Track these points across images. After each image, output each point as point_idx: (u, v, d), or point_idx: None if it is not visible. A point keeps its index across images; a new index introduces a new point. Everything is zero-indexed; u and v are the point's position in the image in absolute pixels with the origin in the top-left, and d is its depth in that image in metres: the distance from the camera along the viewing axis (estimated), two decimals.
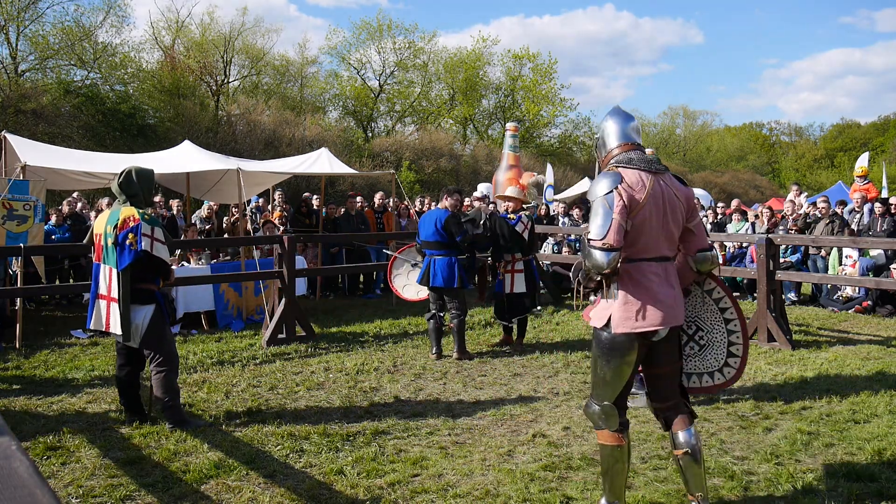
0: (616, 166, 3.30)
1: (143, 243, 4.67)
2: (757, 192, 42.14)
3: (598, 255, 3.14)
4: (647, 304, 3.19)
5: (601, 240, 3.14)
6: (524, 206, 7.73)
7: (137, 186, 4.88)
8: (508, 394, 5.77)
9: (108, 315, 4.82)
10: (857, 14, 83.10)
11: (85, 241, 5.22)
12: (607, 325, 3.25)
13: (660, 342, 3.30)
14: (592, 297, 3.50)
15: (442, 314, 7.19)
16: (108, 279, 4.81)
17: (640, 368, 3.44)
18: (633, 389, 3.69)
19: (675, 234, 3.34)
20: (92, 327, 5.00)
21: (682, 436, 3.37)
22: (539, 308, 9.11)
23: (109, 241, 4.76)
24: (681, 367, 3.51)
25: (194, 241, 9.27)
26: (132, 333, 4.76)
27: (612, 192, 3.17)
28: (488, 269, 12.04)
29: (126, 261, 4.67)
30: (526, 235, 7.46)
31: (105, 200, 11.40)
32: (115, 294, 4.75)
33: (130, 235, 4.67)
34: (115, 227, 4.73)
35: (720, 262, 3.56)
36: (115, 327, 4.78)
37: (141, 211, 4.80)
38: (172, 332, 5.38)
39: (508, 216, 7.50)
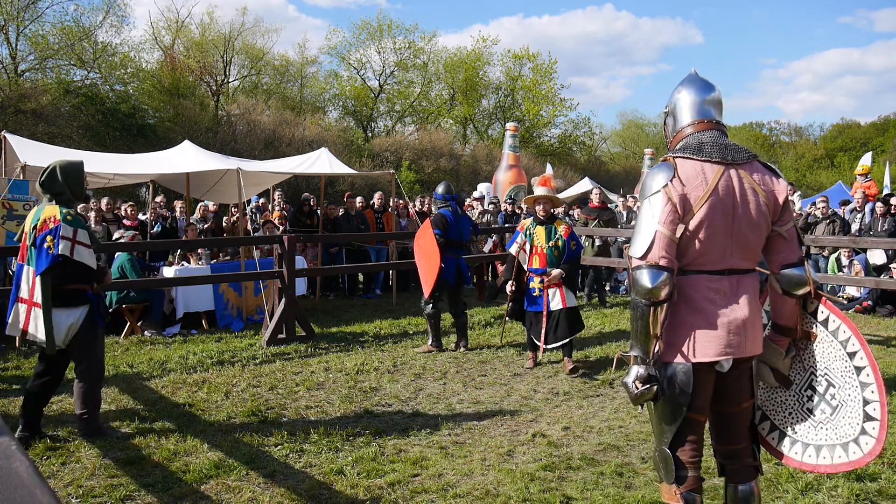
0: (674, 156, 2.70)
1: (60, 247, 4.31)
2: None
3: (643, 277, 2.55)
4: (700, 327, 2.61)
5: (643, 257, 2.58)
6: (555, 207, 6.91)
7: (62, 184, 4.48)
8: (508, 394, 5.77)
9: (28, 320, 4.45)
10: (855, 14, 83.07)
11: (16, 239, 4.90)
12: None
13: (726, 375, 2.70)
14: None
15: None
16: (30, 282, 4.45)
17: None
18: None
19: (754, 240, 2.67)
20: (8, 332, 4.61)
21: (738, 491, 2.78)
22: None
23: (29, 242, 4.44)
24: (753, 406, 2.84)
25: (194, 241, 9.27)
26: (60, 339, 4.43)
27: (658, 192, 2.60)
28: (486, 269, 12.11)
29: (43, 265, 4.33)
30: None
31: (105, 200, 11.42)
32: (38, 298, 4.39)
33: (49, 238, 4.32)
34: (35, 227, 4.40)
35: (814, 283, 2.76)
36: (38, 333, 4.41)
37: (65, 211, 4.42)
38: (103, 340, 4.91)
39: (556, 229, 6.46)
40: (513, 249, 6.64)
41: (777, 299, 2.79)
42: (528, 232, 6.53)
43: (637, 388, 2.63)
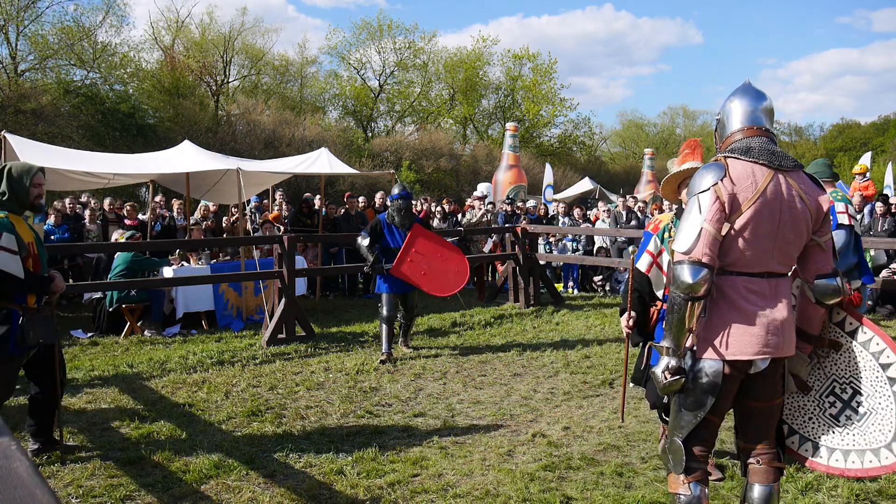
0: (725, 157, 2.74)
1: None
2: None
3: (684, 273, 2.59)
4: (739, 327, 2.65)
5: (687, 253, 2.62)
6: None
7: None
8: (508, 394, 5.77)
9: None
10: (854, 14, 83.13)
11: None
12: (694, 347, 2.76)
13: (757, 374, 2.73)
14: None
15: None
16: None
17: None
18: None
19: (794, 246, 2.73)
20: None
21: (757, 491, 2.80)
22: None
23: None
24: (781, 405, 2.89)
25: (194, 241, 9.27)
26: None
27: (708, 189, 2.64)
28: (486, 269, 12.11)
29: None
30: None
31: (107, 200, 11.43)
32: None
33: None
34: None
35: (846, 293, 2.84)
36: None
37: None
38: (16, 369, 4.23)
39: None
40: (642, 264, 3.83)
41: (808, 308, 2.86)
42: (665, 235, 3.75)
43: (666, 379, 2.70)
